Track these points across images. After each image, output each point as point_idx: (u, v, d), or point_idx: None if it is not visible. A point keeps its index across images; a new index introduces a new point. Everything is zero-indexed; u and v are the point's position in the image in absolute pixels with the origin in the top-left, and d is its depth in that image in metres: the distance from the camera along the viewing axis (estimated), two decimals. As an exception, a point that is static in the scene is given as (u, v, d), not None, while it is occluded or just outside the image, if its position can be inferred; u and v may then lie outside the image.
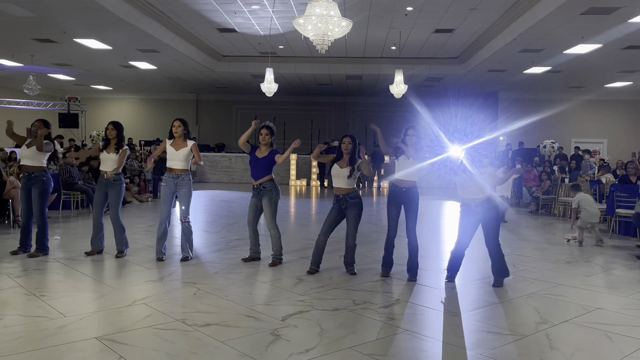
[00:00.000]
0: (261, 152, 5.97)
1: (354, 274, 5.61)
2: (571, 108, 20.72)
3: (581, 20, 10.79)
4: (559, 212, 11.11)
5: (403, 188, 5.46)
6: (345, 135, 5.80)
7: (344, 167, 5.61)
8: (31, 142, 6.23)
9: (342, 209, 5.61)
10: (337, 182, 5.65)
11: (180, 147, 6.06)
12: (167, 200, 6.10)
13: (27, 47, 14.20)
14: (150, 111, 24.28)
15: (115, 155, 6.25)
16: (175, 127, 6.10)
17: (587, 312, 4.47)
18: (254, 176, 5.96)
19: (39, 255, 6.20)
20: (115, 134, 6.28)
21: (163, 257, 6.13)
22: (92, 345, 3.51)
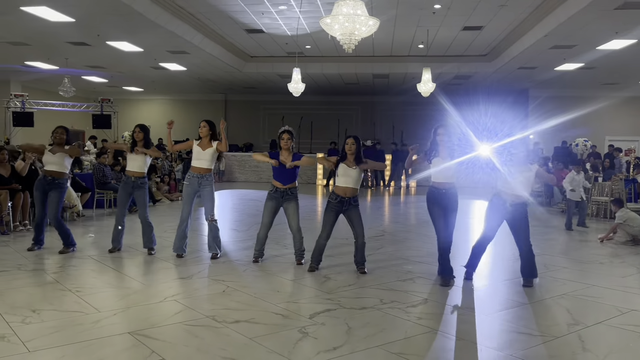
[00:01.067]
0: (285, 157, 5.94)
1: (364, 273, 5.55)
2: (605, 105, 20.19)
3: (615, 15, 10.51)
4: (591, 212, 10.85)
5: (443, 189, 5.35)
6: (349, 136, 5.69)
7: (353, 167, 5.53)
8: (55, 149, 6.45)
9: (341, 210, 5.53)
10: (344, 181, 5.51)
11: (207, 147, 6.15)
12: (189, 199, 6.19)
13: (62, 50, 14.60)
14: (179, 112, 24.64)
15: (142, 157, 6.38)
16: (201, 128, 6.20)
17: (621, 314, 4.37)
18: (282, 181, 5.92)
19: (68, 250, 6.42)
20: (142, 136, 6.42)
21: (183, 254, 6.24)
22: (125, 340, 3.60)
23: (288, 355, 3.40)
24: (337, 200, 5.53)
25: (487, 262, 6.50)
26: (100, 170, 10.26)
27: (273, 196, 5.94)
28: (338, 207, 5.54)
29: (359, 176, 5.55)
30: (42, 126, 19.70)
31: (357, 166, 5.52)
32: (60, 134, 6.50)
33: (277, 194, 5.93)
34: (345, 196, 5.51)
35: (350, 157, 5.58)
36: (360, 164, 5.57)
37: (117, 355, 3.37)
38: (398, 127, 21.24)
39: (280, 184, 5.92)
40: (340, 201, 5.53)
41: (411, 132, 21.05)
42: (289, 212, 5.93)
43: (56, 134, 6.50)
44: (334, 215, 5.57)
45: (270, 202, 5.96)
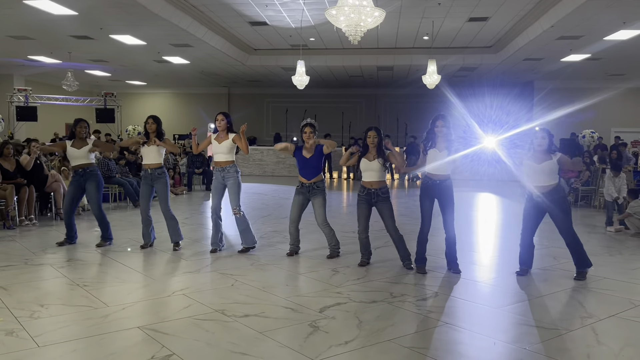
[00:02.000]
0: (308, 152, 5.90)
1: (411, 269, 5.47)
2: (611, 97, 20.03)
3: (623, 5, 10.38)
4: (599, 204, 10.78)
5: (437, 180, 5.29)
6: (369, 129, 5.62)
7: (373, 159, 5.49)
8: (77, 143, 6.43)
9: (372, 202, 5.49)
10: (368, 175, 5.49)
11: (223, 140, 6.10)
12: (214, 192, 6.19)
13: (65, 44, 14.55)
14: (183, 105, 24.61)
15: (156, 147, 6.32)
16: (219, 121, 6.15)
17: (634, 307, 4.32)
18: (306, 175, 5.88)
19: (105, 244, 6.49)
20: (155, 127, 6.34)
21: (218, 248, 6.20)
22: (135, 334, 3.57)
23: (299, 350, 3.36)
24: (365, 192, 5.53)
25: (495, 255, 6.46)
26: (105, 164, 10.23)
27: (300, 191, 5.94)
28: (367, 199, 5.50)
29: (382, 168, 5.48)
30: (45, 120, 19.71)
31: (378, 158, 5.46)
32: (81, 128, 6.46)
33: (303, 189, 5.91)
34: (372, 188, 5.48)
35: (373, 150, 5.52)
36: (383, 155, 5.49)
37: (127, 349, 3.34)
38: (402, 120, 21.14)
39: (305, 179, 5.89)
40: (368, 193, 5.50)
41: (415, 124, 20.93)
42: (315, 206, 5.90)
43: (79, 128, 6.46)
44: (366, 208, 5.53)
45: (297, 197, 5.96)
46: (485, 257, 6.31)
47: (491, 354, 3.39)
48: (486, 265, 5.87)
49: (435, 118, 5.39)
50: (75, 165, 6.48)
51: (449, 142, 5.32)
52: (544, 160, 5.15)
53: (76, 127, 6.46)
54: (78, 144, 6.44)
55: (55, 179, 8.61)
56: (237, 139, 6.10)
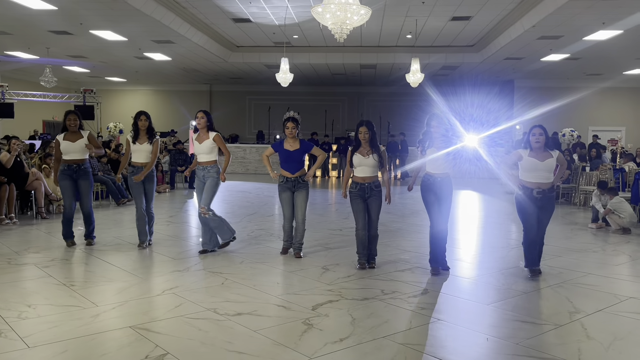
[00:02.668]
0: (291, 145, 5.84)
1: (373, 268, 5.43)
2: (589, 96, 20.46)
3: (602, 6, 10.59)
4: (579, 201, 10.98)
5: (438, 178, 5.30)
6: (360, 124, 5.50)
7: (367, 155, 5.41)
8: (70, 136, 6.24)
9: (365, 197, 5.40)
10: (361, 171, 5.40)
11: (204, 139, 6.02)
12: (198, 192, 6.08)
13: (44, 39, 14.26)
14: (164, 102, 24.33)
15: (149, 146, 6.20)
16: (199, 119, 6.03)
17: (620, 302, 4.41)
18: (289, 169, 5.80)
19: (93, 243, 6.38)
20: (148, 124, 6.23)
21: (209, 248, 6.06)
22: (128, 334, 3.52)
23: (295, 347, 3.35)
24: (357, 188, 5.40)
25: (481, 252, 6.53)
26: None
27: (285, 187, 5.83)
28: (361, 194, 5.39)
29: (376, 163, 5.39)
30: (22, 117, 19.32)
31: (372, 153, 5.37)
32: (74, 120, 6.28)
33: (288, 184, 5.81)
34: (365, 183, 5.38)
35: (366, 145, 5.43)
36: (378, 150, 5.42)
37: (120, 349, 3.29)
38: (385, 118, 21.24)
39: (289, 173, 5.81)
40: (361, 188, 5.38)
41: (398, 123, 21.09)
42: (297, 201, 5.82)
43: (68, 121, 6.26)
44: (361, 203, 5.40)
45: (283, 193, 5.84)
46: (472, 253, 6.38)
47: (484, 349, 3.42)
48: (473, 262, 5.93)
49: (429, 118, 5.38)
50: (69, 159, 6.19)
51: (447, 140, 5.32)
52: (545, 157, 5.13)
53: (66, 120, 6.26)
54: (72, 137, 6.23)
55: (36, 177, 8.44)
56: (219, 140, 6.02)
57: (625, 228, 7.63)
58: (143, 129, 6.22)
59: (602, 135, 18.30)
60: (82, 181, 6.27)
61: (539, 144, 5.15)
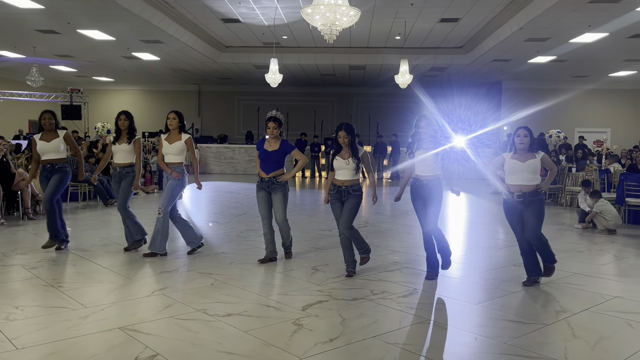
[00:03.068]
0: (270, 145, 5.73)
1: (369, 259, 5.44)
2: (575, 97, 20.69)
3: (589, 9, 10.73)
4: (566, 202, 11.10)
5: (424, 181, 5.25)
6: (339, 127, 5.36)
7: (348, 158, 5.29)
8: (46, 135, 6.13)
9: (342, 200, 5.32)
10: (341, 174, 5.31)
11: (175, 140, 5.92)
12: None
13: (30, 38, 14.12)
14: (152, 103, 24.20)
15: (127, 146, 6.11)
16: (170, 120, 5.93)
17: (605, 301, 4.48)
18: (265, 169, 5.70)
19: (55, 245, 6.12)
20: (128, 124, 6.13)
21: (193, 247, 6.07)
22: (117, 335, 3.51)
23: (285, 348, 3.36)
24: (335, 191, 5.36)
25: (470, 253, 6.58)
26: (75, 162, 9.97)
27: (260, 187, 5.74)
28: (338, 197, 5.34)
29: (356, 167, 5.30)
30: (8, 117, 19.11)
31: (352, 158, 5.27)
32: (49, 119, 6.16)
33: (263, 184, 5.71)
34: (343, 186, 5.32)
35: (347, 149, 5.34)
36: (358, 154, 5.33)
37: (110, 351, 3.28)
38: (374, 119, 21.30)
39: (264, 174, 5.70)
40: (338, 191, 5.33)
41: (387, 124, 21.16)
42: (275, 203, 5.70)
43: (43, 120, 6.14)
44: (340, 207, 5.34)
45: (259, 193, 5.74)
46: (460, 254, 6.42)
47: (473, 348, 3.46)
48: (461, 262, 5.98)
49: (418, 119, 5.31)
50: (45, 159, 6.06)
51: (436, 141, 5.29)
52: (528, 158, 5.02)
53: (41, 119, 6.13)
54: (47, 137, 6.10)
55: (22, 178, 8.36)
56: (190, 143, 5.97)
57: (611, 229, 7.74)
58: (124, 129, 6.13)
59: (587, 137, 18.49)
60: (54, 177, 6.03)
61: (523, 145, 5.02)
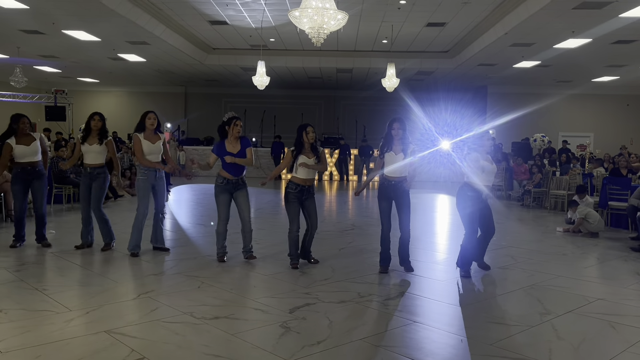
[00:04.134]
0: (233, 146, 5.74)
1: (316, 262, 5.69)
2: (559, 102, 20.98)
3: (573, 15, 10.88)
4: (550, 205, 11.24)
5: (392, 181, 5.39)
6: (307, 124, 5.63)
7: (312, 157, 5.51)
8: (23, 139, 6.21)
9: (302, 199, 5.51)
10: (305, 173, 5.48)
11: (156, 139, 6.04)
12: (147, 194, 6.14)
13: (14, 38, 13.94)
14: (137, 104, 23.95)
15: (99, 147, 6.13)
16: (152, 120, 6.01)
17: (589, 303, 4.54)
18: (234, 172, 5.68)
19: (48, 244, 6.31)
20: (101, 125, 6.19)
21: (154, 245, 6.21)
22: (103, 339, 3.48)
23: (273, 351, 3.36)
24: (297, 189, 5.48)
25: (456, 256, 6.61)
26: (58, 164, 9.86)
27: (224, 188, 5.69)
28: (299, 196, 5.48)
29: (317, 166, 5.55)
30: None
31: (315, 157, 5.50)
32: (24, 124, 6.23)
33: (228, 186, 5.70)
34: (306, 185, 5.50)
35: (308, 147, 5.55)
36: (318, 153, 5.55)
37: (95, 354, 3.25)
38: (361, 122, 21.37)
39: (231, 176, 5.68)
40: (300, 190, 5.49)
41: (374, 127, 21.22)
42: (241, 201, 5.74)
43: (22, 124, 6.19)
44: (298, 205, 5.51)
45: (222, 195, 5.70)
46: (446, 256, 6.47)
47: (460, 350, 3.49)
48: (447, 264, 6.02)
49: (392, 121, 5.47)
50: (24, 162, 6.16)
51: (405, 144, 5.41)
52: (493, 162, 5.52)
53: (19, 124, 6.16)
54: (26, 141, 6.19)
55: (5, 179, 8.24)
56: (165, 143, 6.09)
57: (594, 232, 7.84)
58: (96, 129, 6.16)
59: (571, 141, 18.76)
60: (36, 182, 6.23)
61: (490, 149, 5.55)
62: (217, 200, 5.75)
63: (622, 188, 8.61)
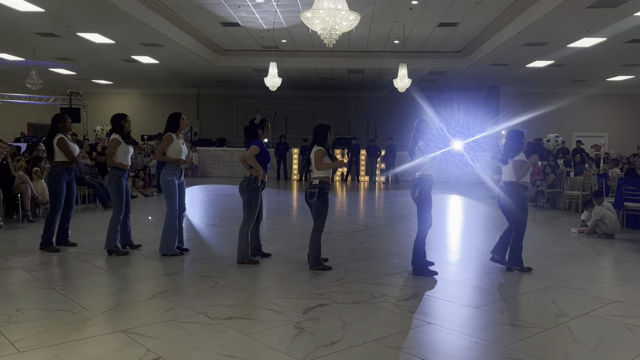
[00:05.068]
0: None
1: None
2: (573, 102, 20.76)
3: (587, 14, 10.79)
4: (564, 206, 11.14)
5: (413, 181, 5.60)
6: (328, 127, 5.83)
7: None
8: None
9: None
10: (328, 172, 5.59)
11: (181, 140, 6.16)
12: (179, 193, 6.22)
13: (29, 41, 14.14)
14: (151, 106, 24.22)
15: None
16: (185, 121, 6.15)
17: (605, 305, 4.50)
18: (267, 170, 5.83)
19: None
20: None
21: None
22: (119, 338, 3.52)
23: (287, 351, 3.37)
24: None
25: (470, 256, 6.60)
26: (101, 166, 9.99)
27: (261, 189, 5.78)
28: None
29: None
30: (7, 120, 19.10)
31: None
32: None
33: (262, 185, 5.77)
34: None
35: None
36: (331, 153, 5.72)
37: (111, 354, 3.28)
38: (372, 122, 21.34)
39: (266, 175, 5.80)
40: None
41: (385, 127, 21.19)
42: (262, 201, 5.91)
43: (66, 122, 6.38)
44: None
45: (259, 197, 5.75)
46: (460, 257, 6.45)
47: (474, 352, 3.47)
48: (461, 265, 6.00)
49: (418, 123, 5.62)
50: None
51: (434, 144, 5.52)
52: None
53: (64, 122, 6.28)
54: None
55: (22, 181, 8.36)
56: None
57: (609, 234, 7.76)
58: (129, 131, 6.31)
59: (585, 141, 18.58)
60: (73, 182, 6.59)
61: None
62: (255, 202, 5.70)
63: (637, 189, 8.51)
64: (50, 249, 6.13)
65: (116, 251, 6.01)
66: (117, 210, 6.05)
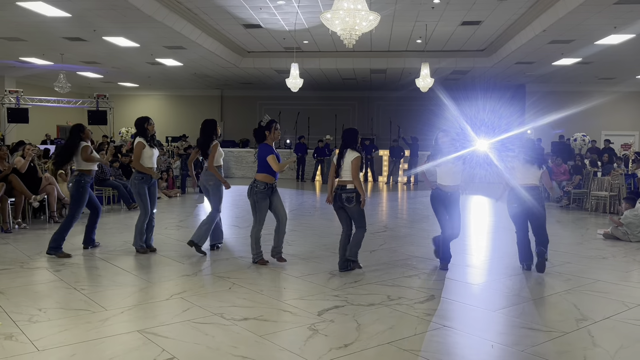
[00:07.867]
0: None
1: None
2: (601, 100, 20.27)
3: (614, 10, 10.53)
4: (591, 207, 10.88)
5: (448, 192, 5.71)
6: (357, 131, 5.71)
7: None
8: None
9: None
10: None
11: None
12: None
13: (57, 45, 14.48)
14: (175, 107, 24.56)
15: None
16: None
17: (628, 309, 4.38)
18: (276, 176, 5.80)
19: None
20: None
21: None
22: (136, 338, 3.57)
23: (300, 353, 3.38)
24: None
25: (491, 259, 6.50)
26: (99, 166, 10.17)
27: (267, 194, 5.74)
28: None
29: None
30: (37, 122, 19.60)
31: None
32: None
33: (268, 190, 5.74)
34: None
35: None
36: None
37: (128, 353, 3.34)
38: (395, 122, 21.22)
39: (275, 180, 5.81)
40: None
41: (408, 127, 21.03)
42: (278, 203, 5.85)
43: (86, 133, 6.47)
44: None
45: (265, 201, 5.74)
46: (479, 259, 6.36)
47: (490, 356, 3.42)
48: (480, 267, 5.92)
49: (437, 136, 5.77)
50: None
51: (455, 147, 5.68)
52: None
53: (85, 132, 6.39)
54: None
55: (49, 182, 8.56)
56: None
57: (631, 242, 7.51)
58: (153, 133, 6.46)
59: (615, 140, 18.12)
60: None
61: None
62: (260, 206, 5.75)
63: (667, 189, 8.27)
64: (61, 254, 5.99)
65: (140, 249, 6.23)
66: (142, 212, 6.24)
